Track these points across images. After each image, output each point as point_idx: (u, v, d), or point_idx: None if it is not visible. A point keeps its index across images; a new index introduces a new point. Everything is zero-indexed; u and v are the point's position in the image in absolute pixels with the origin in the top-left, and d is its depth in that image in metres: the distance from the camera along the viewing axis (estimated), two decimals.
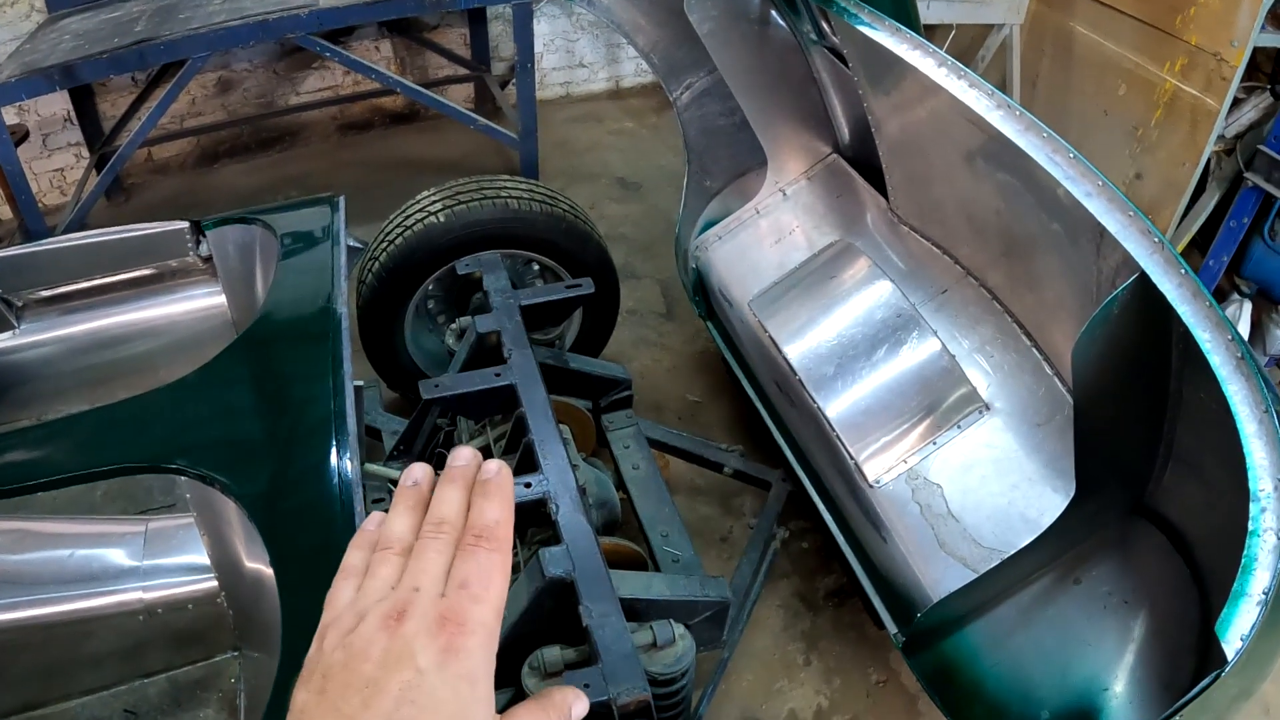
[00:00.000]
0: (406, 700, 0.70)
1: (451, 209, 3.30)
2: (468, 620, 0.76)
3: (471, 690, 0.73)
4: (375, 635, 0.75)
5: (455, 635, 0.74)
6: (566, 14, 6.70)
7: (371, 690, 0.71)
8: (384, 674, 0.72)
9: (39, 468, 2.08)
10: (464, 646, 0.74)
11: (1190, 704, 1.48)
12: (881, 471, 2.72)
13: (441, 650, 0.73)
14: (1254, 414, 1.52)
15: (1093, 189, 1.74)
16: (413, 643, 0.74)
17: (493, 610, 0.78)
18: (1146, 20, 4.22)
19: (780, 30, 3.22)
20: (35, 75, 4.34)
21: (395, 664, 0.72)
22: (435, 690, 0.72)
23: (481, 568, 0.79)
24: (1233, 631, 1.43)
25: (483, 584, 0.78)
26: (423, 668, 0.72)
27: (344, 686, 0.72)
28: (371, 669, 0.73)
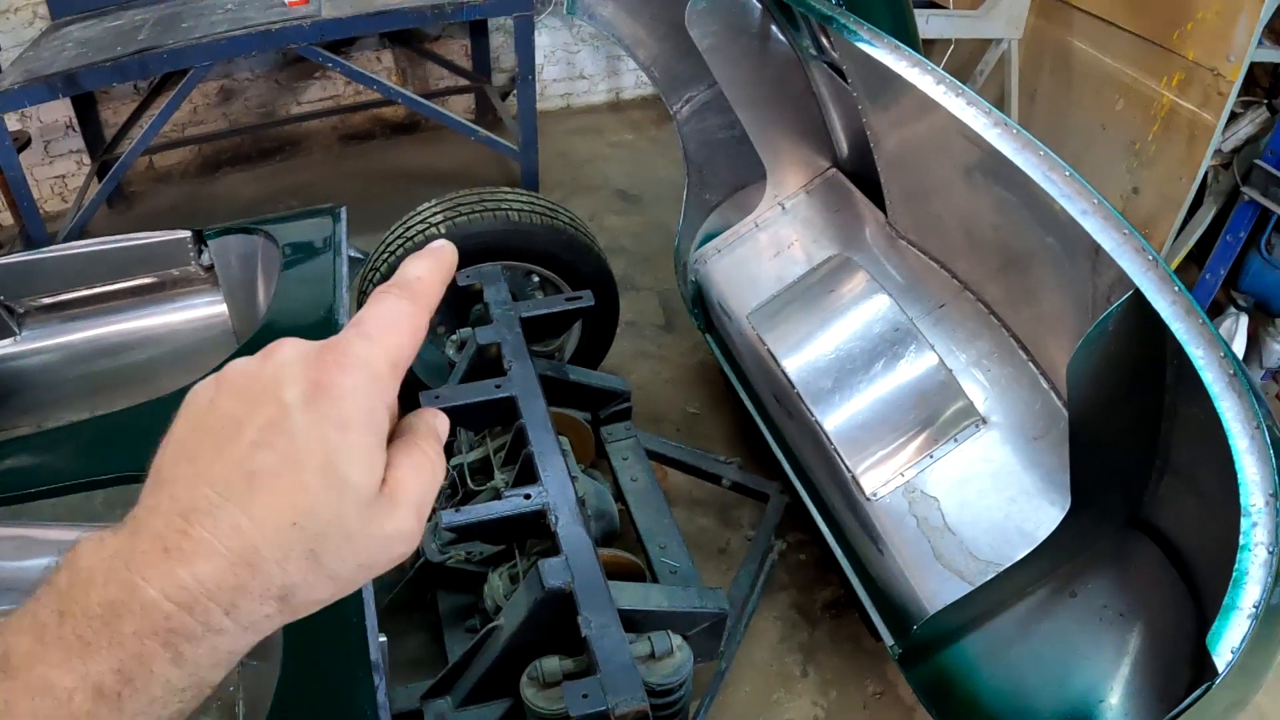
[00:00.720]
0: (264, 443, 0.58)
1: (453, 220, 3.32)
2: (348, 355, 0.62)
3: (341, 436, 0.59)
4: (249, 366, 0.63)
5: (330, 369, 0.61)
6: (567, 26, 6.72)
7: (229, 430, 0.60)
8: (244, 408, 0.60)
9: (45, 474, 2.10)
10: (337, 383, 0.60)
11: (1182, 715, 1.50)
12: (879, 484, 2.74)
13: (311, 384, 0.60)
14: (1246, 430, 1.54)
15: (1089, 207, 1.76)
16: (281, 371, 0.61)
17: (383, 353, 0.63)
18: (1144, 35, 4.25)
19: (780, 45, 3.24)
20: (38, 83, 4.36)
21: (258, 397, 0.60)
22: (298, 432, 0.59)
23: (384, 311, 0.66)
24: (1223, 644, 1.45)
25: (380, 326, 0.65)
26: (288, 403, 0.59)
27: (202, 429, 0.61)
28: (232, 403, 0.61)
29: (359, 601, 1.82)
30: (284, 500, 0.58)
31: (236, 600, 0.57)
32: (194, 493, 0.58)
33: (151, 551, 0.57)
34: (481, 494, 2.77)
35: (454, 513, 2.42)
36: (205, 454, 0.59)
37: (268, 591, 0.58)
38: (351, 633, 1.79)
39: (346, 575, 0.62)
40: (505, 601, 2.46)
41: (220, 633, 0.58)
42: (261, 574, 0.57)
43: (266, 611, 0.59)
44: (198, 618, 0.57)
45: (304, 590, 0.60)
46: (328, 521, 0.59)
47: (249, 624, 0.59)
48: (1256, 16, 3.67)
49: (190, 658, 0.57)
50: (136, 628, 0.56)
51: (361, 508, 0.60)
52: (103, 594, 0.56)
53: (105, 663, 0.55)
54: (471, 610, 2.82)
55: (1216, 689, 1.45)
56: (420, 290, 0.69)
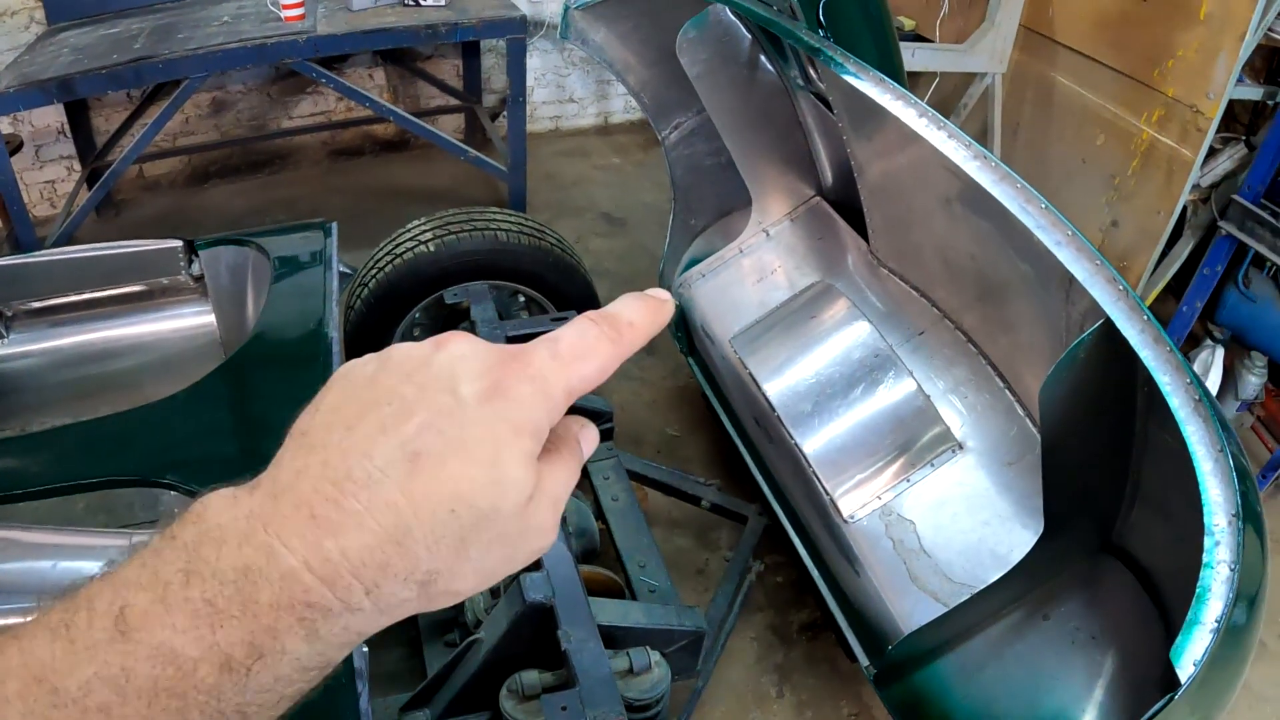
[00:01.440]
0: (433, 426, 0.57)
1: (441, 239, 3.36)
2: (532, 368, 0.61)
3: (515, 442, 0.58)
4: (418, 351, 0.62)
5: (512, 374, 0.60)
6: (558, 49, 6.78)
7: (395, 408, 0.58)
8: (414, 390, 0.58)
9: (28, 477, 2.11)
10: (517, 390, 0.59)
11: None
12: (856, 507, 2.78)
13: (492, 385, 0.59)
14: (1210, 453, 1.59)
15: (1062, 238, 1.81)
16: (458, 365, 0.60)
17: (564, 379, 0.62)
18: (1125, 72, 4.32)
19: (768, 75, 3.30)
20: (32, 87, 4.38)
21: (431, 383, 0.59)
22: (469, 424, 0.57)
23: (582, 339, 0.64)
24: (1186, 657, 1.49)
25: (572, 350, 0.63)
26: (463, 394, 0.58)
27: (362, 402, 0.59)
28: (399, 383, 0.59)
29: None
30: (445, 486, 0.56)
31: (380, 580, 0.55)
32: (350, 462, 0.56)
33: (296, 517, 0.54)
34: None
35: None
36: (367, 426, 0.57)
37: (413, 574, 0.56)
38: None
39: (490, 567, 0.60)
40: (486, 615, 2.49)
41: (357, 611, 0.56)
42: (410, 555, 0.55)
43: (406, 595, 0.57)
44: (339, 594, 0.54)
45: (446, 578, 0.58)
46: (484, 513, 0.57)
47: (386, 606, 0.57)
48: (1236, 55, 3.74)
49: (324, 635, 0.55)
50: (273, 598, 0.53)
51: (518, 504, 0.59)
52: (237, 557, 0.54)
53: (236, 633, 0.52)
54: (451, 624, 2.84)
55: (1179, 702, 1.49)
56: (626, 335, 0.67)
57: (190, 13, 5.20)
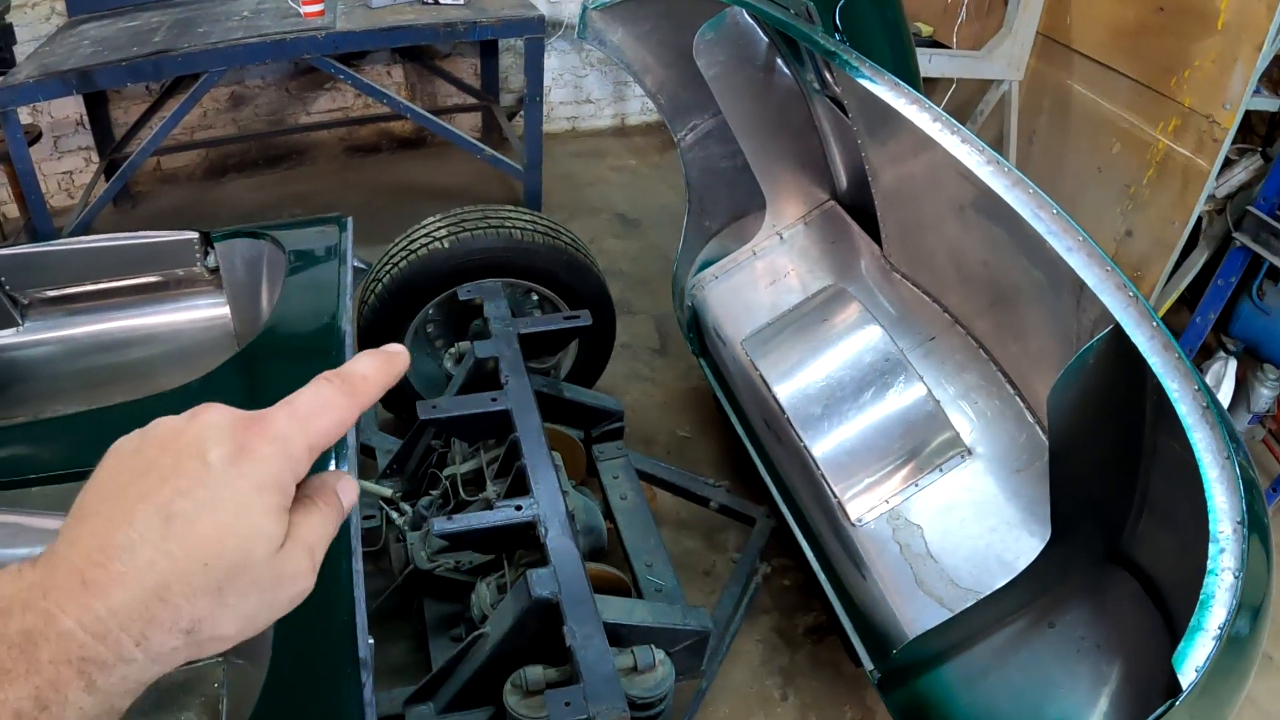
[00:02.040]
0: (185, 491, 0.64)
1: (456, 236, 3.37)
2: (272, 429, 0.68)
3: (258, 498, 0.65)
4: (175, 423, 0.68)
5: (254, 436, 0.67)
6: (576, 50, 6.80)
7: (152, 476, 0.65)
8: (169, 460, 0.65)
9: (40, 463, 2.12)
10: (259, 450, 0.66)
11: None
12: (864, 511, 2.78)
13: (236, 448, 0.66)
14: (1216, 460, 1.59)
15: (1074, 244, 1.81)
16: (206, 432, 0.67)
17: (303, 437, 0.69)
18: (1142, 81, 4.31)
19: (784, 78, 3.30)
20: (53, 78, 4.41)
21: (183, 451, 0.66)
22: (216, 485, 0.64)
23: (318, 399, 0.71)
24: (1188, 664, 1.49)
25: (308, 408, 0.70)
26: (211, 460, 0.65)
27: (125, 474, 0.66)
28: (158, 454, 0.66)
29: (350, 600, 1.85)
30: (197, 543, 0.63)
31: (147, 632, 0.61)
32: (113, 529, 0.62)
33: (69, 583, 0.61)
34: (473, 504, 2.80)
35: (446, 520, 2.46)
36: (128, 496, 0.64)
37: (177, 624, 0.62)
38: (341, 630, 1.82)
39: (250, 612, 0.66)
40: (492, 610, 2.50)
41: (130, 662, 0.61)
42: (171, 608, 0.62)
43: (175, 644, 0.63)
44: (110, 647, 0.60)
45: (209, 625, 0.64)
46: (235, 564, 0.64)
47: (157, 655, 0.62)
48: (1253, 65, 3.73)
49: (102, 686, 0.60)
50: (53, 655, 0.59)
51: (268, 554, 0.66)
52: (21, 622, 0.59)
53: (23, 689, 0.58)
54: (457, 619, 2.85)
55: (1181, 708, 1.49)
56: (360, 389, 0.74)
57: (210, 7, 5.23)
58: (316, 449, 0.70)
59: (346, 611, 1.85)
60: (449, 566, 2.85)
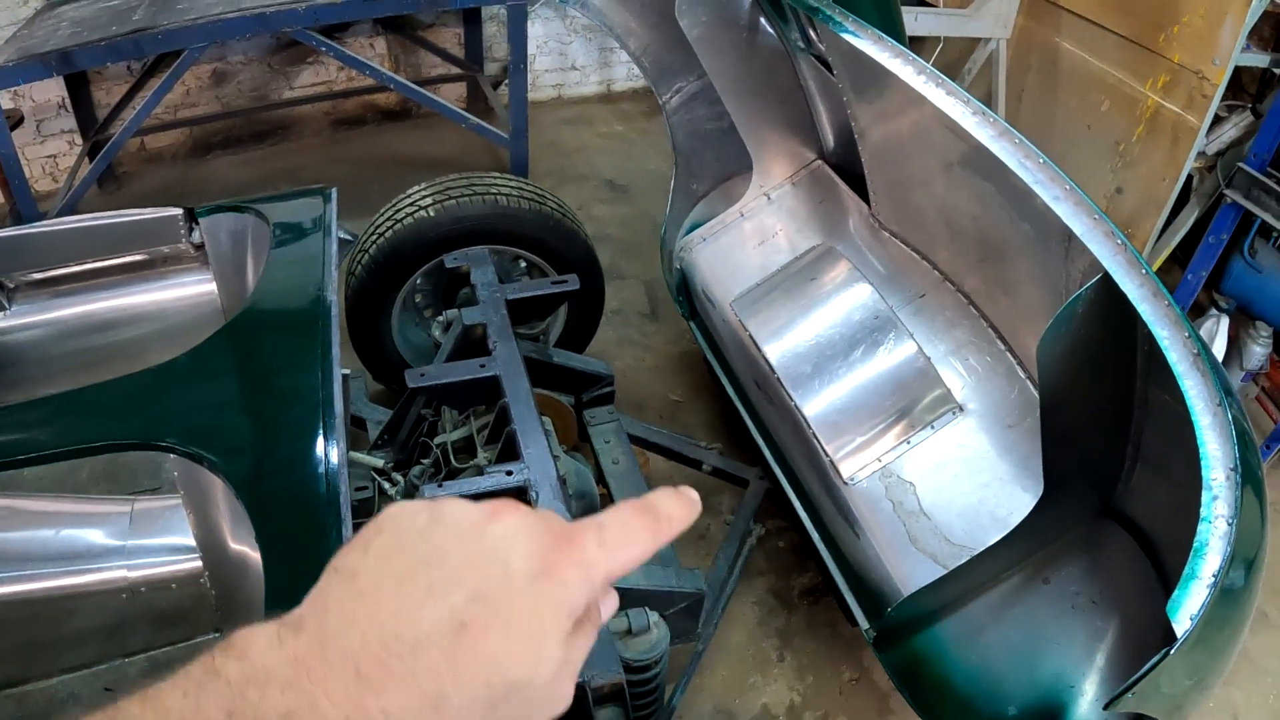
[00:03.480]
0: (482, 599, 0.59)
1: (442, 204, 3.35)
2: (582, 554, 0.64)
3: (553, 623, 0.61)
4: (473, 515, 0.64)
5: (563, 560, 0.63)
6: (560, 16, 6.75)
7: (446, 573, 0.60)
8: (465, 558, 0.61)
9: (29, 443, 2.11)
10: (565, 575, 0.62)
11: (1140, 683, 1.53)
12: (856, 469, 2.78)
13: (542, 566, 0.62)
14: (1208, 407, 1.58)
15: (1061, 193, 1.79)
16: (512, 541, 0.62)
17: (607, 567, 0.65)
18: (1131, 38, 4.28)
19: (768, 37, 3.27)
20: (32, 61, 4.37)
21: (482, 555, 0.61)
22: (515, 601, 0.60)
23: (627, 529, 0.67)
24: (1183, 612, 1.48)
25: (617, 538, 0.66)
26: (513, 571, 0.61)
27: (413, 557, 0.61)
28: (452, 546, 0.61)
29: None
30: (486, 658, 0.58)
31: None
32: (399, 622, 0.58)
33: (342, 670, 0.56)
34: (465, 471, 2.80)
35: (437, 488, 2.45)
36: (417, 586, 0.59)
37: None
38: None
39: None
40: None
41: None
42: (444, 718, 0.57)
43: None
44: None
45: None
46: (517, 685, 0.59)
47: None
48: (1242, 21, 3.70)
49: None
50: None
51: (548, 679, 0.61)
52: (280, 702, 0.55)
53: None
54: None
55: (1176, 658, 1.49)
56: (664, 528, 0.69)
57: None
58: (614, 579, 0.67)
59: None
60: None
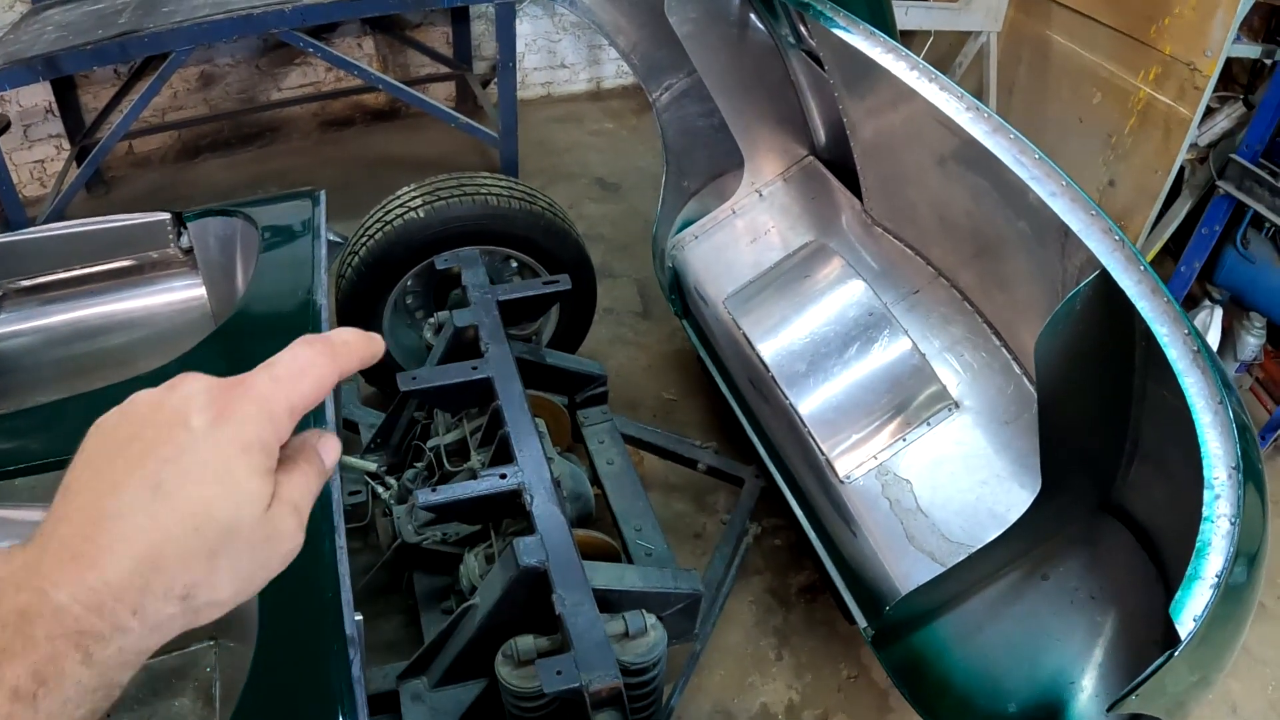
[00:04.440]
0: (170, 459, 0.64)
1: (432, 205, 3.32)
2: (252, 390, 0.69)
3: (243, 459, 0.66)
4: (155, 396, 0.69)
5: (235, 399, 0.68)
6: (549, 14, 6.72)
7: (137, 448, 0.65)
8: (152, 431, 0.66)
9: (21, 453, 2.09)
10: (240, 412, 0.67)
11: (1145, 684, 1.52)
12: (852, 467, 2.76)
13: (218, 412, 0.66)
14: (1209, 405, 1.57)
15: (1057, 189, 1.78)
16: (187, 401, 0.67)
17: (284, 397, 0.70)
18: (1122, 30, 4.28)
19: (758, 33, 3.25)
20: (18, 65, 4.33)
21: (165, 422, 0.66)
22: (200, 450, 0.65)
23: (297, 358, 0.72)
24: (1186, 613, 1.47)
25: (289, 370, 0.71)
26: (193, 426, 0.66)
27: (111, 449, 0.66)
28: (141, 427, 0.66)
29: (335, 576, 1.83)
30: (186, 508, 0.63)
31: (142, 601, 0.61)
32: (101, 502, 0.63)
33: (60, 558, 0.61)
34: (458, 475, 2.78)
35: (431, 492, 2.43)
36: (114, 469, 0.64)
37: (171, 591, 0.62)
38: (327, 608, 1.80)
39: (245, 574, 0.67)
40: (481, 581, 2.48)
41: (127, 632, 0.61)
42: (165, 574, 0.62)
43: (170, 611, 0.63)
44: (105, 619, 0.60)
45: (205, 590, 0.64)
46: (225, 526, 0.65)
47: (154, 624, 0.62)
48: (1233, 12, 3.69)
49: (99, 658, 0.60)
50: (48, 631, 0.58)
51: (256, 514, 0.66)
52: (14, 602, 0.59)
53: (20, 666, 0.57)
54: (448, 592, 2.83)
55: (1180, 658, 1.47)
56: (341, 353, 0.75)
57: None
58: (298, 410, 0.71)
59: (331, 589, 1.82)
60: (436, 539, 2.83)
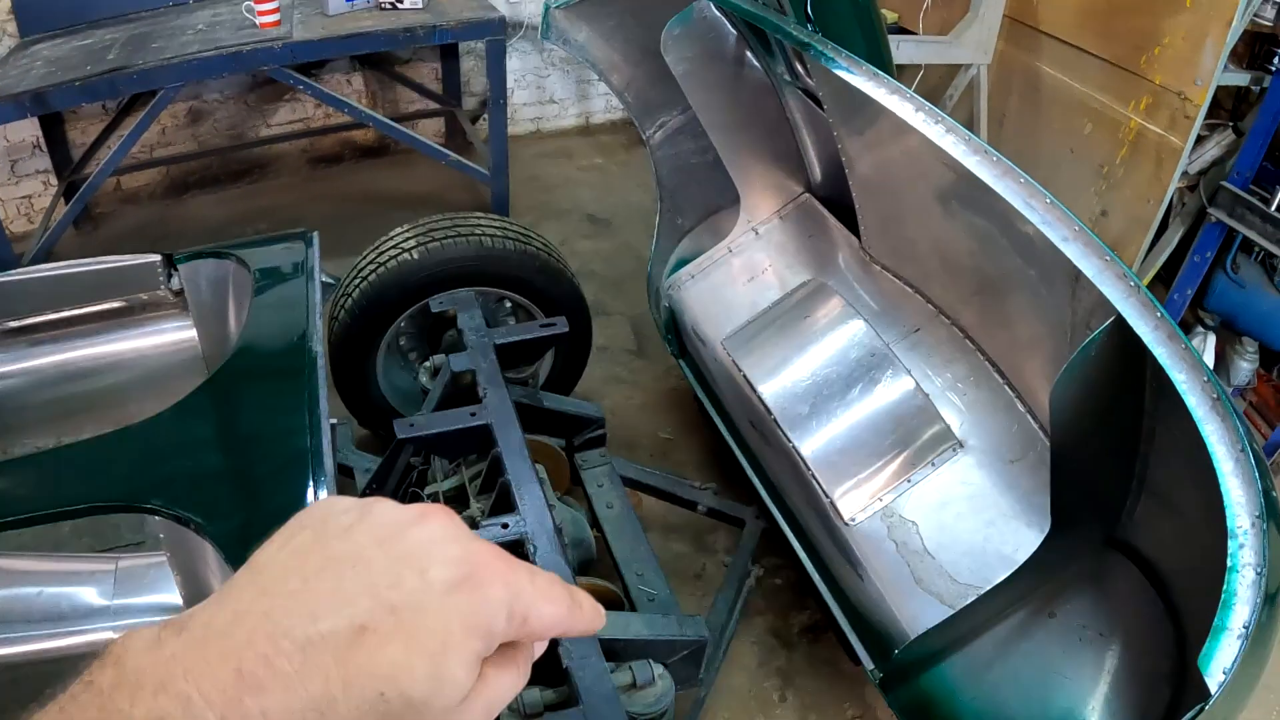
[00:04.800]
0: (389, 604, 0.55)
1: (425, 246, 3.30)
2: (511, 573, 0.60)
3: (465, 641, 0.56)
4: (400, 516, 0.60)
5: (488, 573, 0.58)
6: (537, 50, 6.73)
7: (357, 572, 0.56)
8: (383, 560, 0.57)
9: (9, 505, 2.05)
10: (488, 590, 0.58)
11: None
12: (856, 509, 2.74)
13: (464, 576, 0.57)
14: (1230, 453, 1.54)
15: (1069, 233, 1.76)
16: (437, 546, 0.58)
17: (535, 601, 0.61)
18: (1112, 60, 4.30)
19: (754, 71, 3.25)
20: (6, 101, 4.31)
21: (403, 557, 0.57)
22: (426, 609, 0.55)
23: (553, 585, 0.63)
24: (1215, 665, 1.44)
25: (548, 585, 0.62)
26: (431, 579, 0.56)
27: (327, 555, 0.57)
28: (371, 546, 0.57)
29: None
30: (382, 668, 0.54)
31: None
32: (293, 619, 0.54)
33: (221, 669, 0.52)
34: None
35: None
36: (323, 584, 0.55)
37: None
38: None
39: None
40: None
41: None
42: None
43: None
44: None
45: None
46: (413, 704, 0.55)
47: None
48: (1222, 41, 3.72)
49: None
50: None
51: (450, 704, 0.57)
52: (152, 705, 0.51)
53: None
54: None
55: (1209, 710, 1.45)
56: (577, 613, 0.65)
57: (164, 21, 5.13)
58: (530, 625, 0.61)
59: None
60: None
